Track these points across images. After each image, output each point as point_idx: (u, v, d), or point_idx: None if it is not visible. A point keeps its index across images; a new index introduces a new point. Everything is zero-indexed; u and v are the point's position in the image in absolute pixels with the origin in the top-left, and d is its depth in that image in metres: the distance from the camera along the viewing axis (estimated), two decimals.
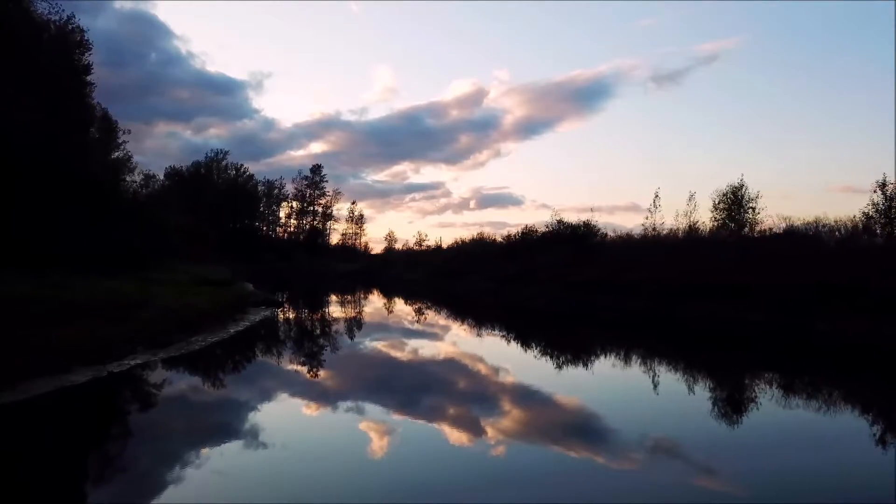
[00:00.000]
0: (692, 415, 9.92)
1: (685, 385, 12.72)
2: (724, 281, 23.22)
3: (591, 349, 18.21)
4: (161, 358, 12.63)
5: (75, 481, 6.47)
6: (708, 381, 13.34)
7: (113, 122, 58.88)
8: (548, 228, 44.38)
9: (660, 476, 6.85)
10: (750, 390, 12.31)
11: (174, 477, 6.37)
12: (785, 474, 6.98)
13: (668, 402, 10.98)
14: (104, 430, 8.46)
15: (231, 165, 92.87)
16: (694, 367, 15.03)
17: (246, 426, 8.47)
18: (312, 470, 6.81)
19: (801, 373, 14.67)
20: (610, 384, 12.86)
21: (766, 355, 16.93)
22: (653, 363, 15.43)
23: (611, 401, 11.19)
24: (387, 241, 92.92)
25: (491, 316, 29.25)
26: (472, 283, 46.27)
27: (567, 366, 15.31)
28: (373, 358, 15.58)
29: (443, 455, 7.51)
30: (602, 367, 15.23)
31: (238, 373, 12.78)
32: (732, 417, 9.89)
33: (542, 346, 18.63)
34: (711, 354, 17.39)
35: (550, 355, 17.22)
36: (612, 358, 16.71)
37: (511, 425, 8.92)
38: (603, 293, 29.99)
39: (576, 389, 11.98)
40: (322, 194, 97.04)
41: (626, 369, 14.56)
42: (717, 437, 8.58)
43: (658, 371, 14.24)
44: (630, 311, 26.72)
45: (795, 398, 11.54)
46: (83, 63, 43.30)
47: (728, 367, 15.31)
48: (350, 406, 9.76)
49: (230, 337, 16.49)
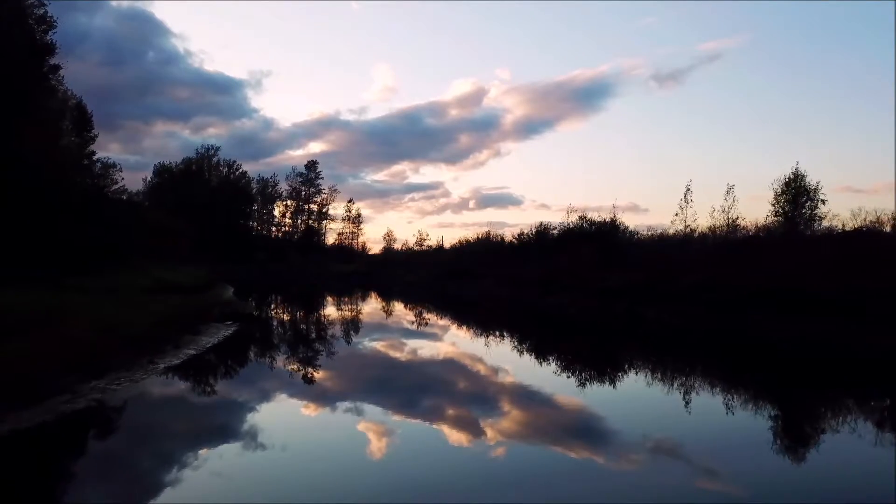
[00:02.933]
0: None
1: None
2: (816, 289, 18.13)
3: (680, 380, 13.17)
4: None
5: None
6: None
7: (87, 114, 54.80)
8: (568, 225, 39.26)
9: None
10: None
11: None
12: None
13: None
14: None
15: (223, 162, 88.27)
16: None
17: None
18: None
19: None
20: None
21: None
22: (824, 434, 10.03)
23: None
24: (386, 241, 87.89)
25: (521, 329, 24.13)
26: (482, 286, 41.26)
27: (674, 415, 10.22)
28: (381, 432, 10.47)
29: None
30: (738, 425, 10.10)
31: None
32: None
33: (612, 383, 13.62)
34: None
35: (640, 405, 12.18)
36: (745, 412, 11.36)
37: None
38: (642, 301, 24.98)
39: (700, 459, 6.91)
40: (318, 191, 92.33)
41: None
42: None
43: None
44: (688, 326, 21.68)
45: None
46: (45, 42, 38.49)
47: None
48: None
49: (140, 386, 11.51)
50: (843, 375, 14.54)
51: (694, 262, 25.78)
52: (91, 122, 55.20)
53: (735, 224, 32.73)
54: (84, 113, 54.70)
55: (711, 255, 26.50)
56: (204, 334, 17.26)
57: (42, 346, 11.03)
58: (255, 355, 16.71)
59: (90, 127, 55.70)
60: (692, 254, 27.20)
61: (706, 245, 29.40)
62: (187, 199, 76.35)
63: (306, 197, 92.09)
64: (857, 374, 14.59)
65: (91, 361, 11.38)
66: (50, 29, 37.86)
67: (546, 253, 38.16)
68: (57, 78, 46.16)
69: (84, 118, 54.82)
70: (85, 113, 54.81)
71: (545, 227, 43.50)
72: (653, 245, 32.96)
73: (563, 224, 40.90)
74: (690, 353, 17.97)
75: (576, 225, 38.27)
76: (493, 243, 54.53)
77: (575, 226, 38.31)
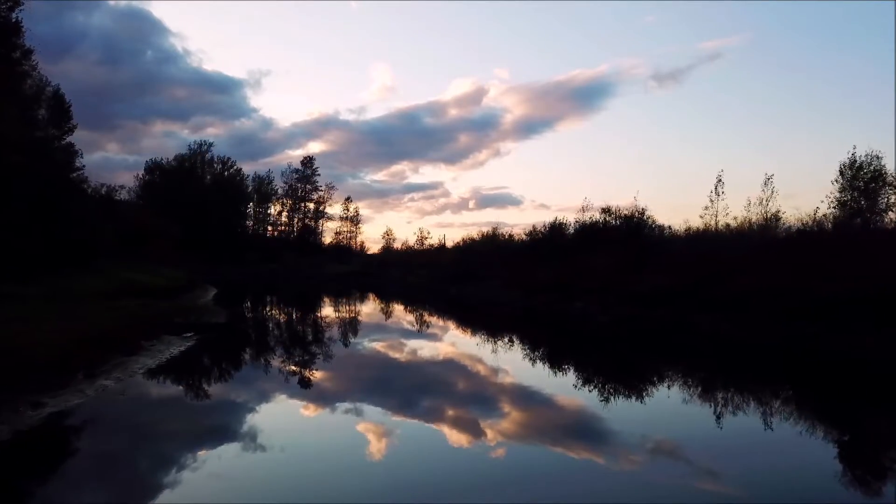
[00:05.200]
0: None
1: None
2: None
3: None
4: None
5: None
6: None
7: (66, 104, 51.15)
8: (592, 220, 35.11)
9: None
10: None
11: None
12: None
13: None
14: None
15: (217, 159, 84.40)
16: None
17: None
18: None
19: None
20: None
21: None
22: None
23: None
24: (385, 241, 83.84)
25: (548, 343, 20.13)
26: (490, 289, 37.23)
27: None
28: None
29: None
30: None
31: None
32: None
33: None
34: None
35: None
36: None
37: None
38: (687, 308, 20.96)
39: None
40: (314, 188, 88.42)
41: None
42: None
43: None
44: (758, 340, 17.63)
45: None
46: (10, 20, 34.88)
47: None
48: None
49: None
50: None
51: (744, 262, 21.74)
52: (70, 112, 51.75)
53: (777, 218, 28.86)
54: (62, 103, 51.06)
55: (764, 253, 22.46)
56: (144, 354, 13.24)
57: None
58: (192, 391, 11.41)
59: (69, 118, 52.22)
60: (738, 252, 23.14)
61: (753, 242, 25.34)
62: (179, 197, 73.11)
63: (303, 195, 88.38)
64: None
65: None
66: (16, 6, 33.99)
67: (562, 252, 34.14)
68: (30, 63, 42.41)
69: (62, 108, 51.20)
70: (63, 103, 51.17)
71: (560, 224, 39.47)
72: (688, 243, 28.90)
73: (578, 220, 36.82)
74: (798, 380, 13.93)
75: (599, 220, 34.19)
76: (500, 242, 50.50)
77: (598, 221, 34.25)
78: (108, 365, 11.58)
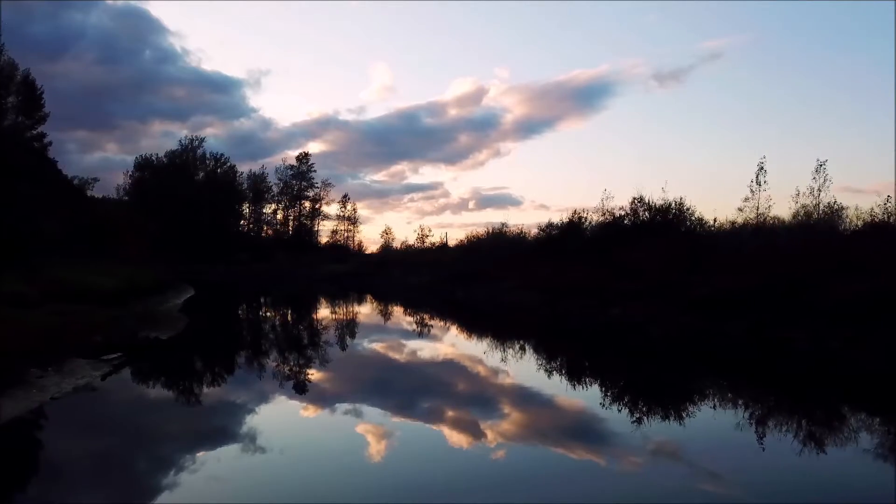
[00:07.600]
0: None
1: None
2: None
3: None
4: None
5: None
6: None
7: (37, 91, 47.05)
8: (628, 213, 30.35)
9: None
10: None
11: None
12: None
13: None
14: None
15: (210, 155, 79.91)
16: None
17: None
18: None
19: None
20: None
21: None
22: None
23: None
24: (384, 240, 79.09)
25: (618, 372, 15.40)
26: (502, 291, 32.62)
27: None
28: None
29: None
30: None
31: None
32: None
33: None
34: None
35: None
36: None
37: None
38: (775, 320, 16.36)
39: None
40: (310, 185, 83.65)
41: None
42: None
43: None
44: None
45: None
46: None
47: None
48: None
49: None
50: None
51: (834, 261, 17.20)
52: (41, 100, 47.75)
53: (838, 210, 24.44)
54: (33, 90, 46.94)
55: (856, 250, 17.93)
56: (19, 390, 8.64)
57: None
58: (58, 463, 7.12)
59: (39, 106, 48.22)
60: (822, 249, 18.58)
61: (833, 236, 20.80)
62: (170, 195, 69.11)
63: (298, 192, 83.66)
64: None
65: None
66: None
67: (589, 249, 29.58)
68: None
69: (33, 96, 47.11)
70: (34, 90, 47.06)
71: (580, 218, 34.83)
72: (743, 238, 24.31)
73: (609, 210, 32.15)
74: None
75: (632, 211, 29.51)
76: (509, 239, 45.86)
77: (629, 213, 29.61)
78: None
